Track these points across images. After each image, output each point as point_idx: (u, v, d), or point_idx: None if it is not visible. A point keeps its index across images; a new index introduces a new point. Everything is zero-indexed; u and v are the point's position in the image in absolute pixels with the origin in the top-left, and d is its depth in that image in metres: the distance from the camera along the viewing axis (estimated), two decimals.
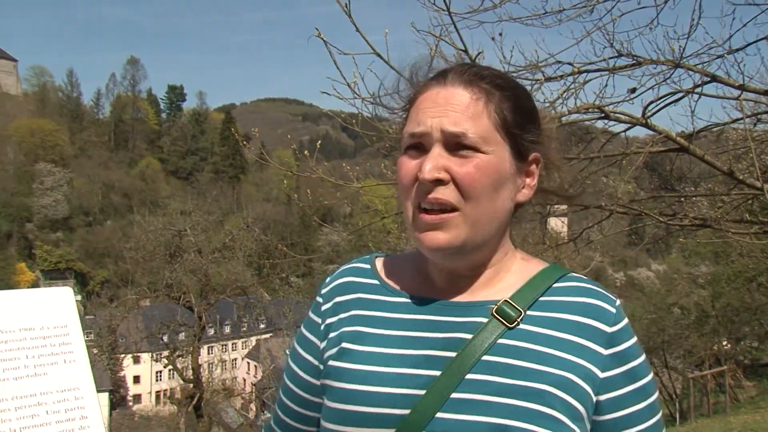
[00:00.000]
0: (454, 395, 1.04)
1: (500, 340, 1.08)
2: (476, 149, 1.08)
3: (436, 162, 1.08)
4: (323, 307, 1.26)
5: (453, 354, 1.08)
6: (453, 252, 1.11)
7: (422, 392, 1.05)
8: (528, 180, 1.17)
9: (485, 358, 1.06)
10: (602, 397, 1.08)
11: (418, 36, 4.36)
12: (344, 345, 1.17)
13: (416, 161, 1.11)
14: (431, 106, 1.11)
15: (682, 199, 5.99)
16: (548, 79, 4.63)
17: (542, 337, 1.08)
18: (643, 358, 1.13)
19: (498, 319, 1.10)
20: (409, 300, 1.19)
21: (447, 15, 4.04)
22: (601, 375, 1.07)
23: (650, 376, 1.12)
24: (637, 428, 1.10)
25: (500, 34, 4.48)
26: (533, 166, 1.16)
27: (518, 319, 1.09)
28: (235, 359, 44.55)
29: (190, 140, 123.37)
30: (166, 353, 22.24)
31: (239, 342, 51.99)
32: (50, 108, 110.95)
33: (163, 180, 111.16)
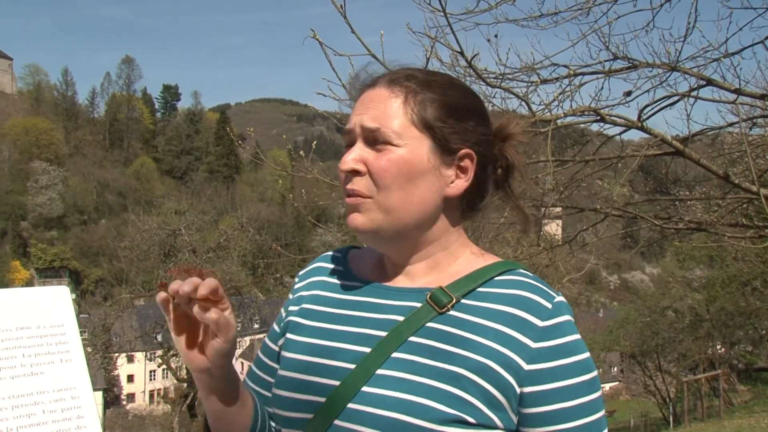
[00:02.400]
0: (379, 371, 1.12)
1: (429, 324, 1.14)
2: (390, 143, 1.15)
3: (353, 155, 1.17)
4: (296, 286, 1.40)
5: (384, 333, 1.15)
6: (372, 235, 1.19)
7: (352, 366, 1.14)
8: (461, 174, 1.19)
9: (412, 338, 1.13)
10: (526, 390, 1.08)
11: (413, 37, 4.37)
12: (295, 319, 1.31)
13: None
14: (358, 106, 1.22)
15: (677, 202, 6.00)
16: (544, 81, 4.64)
17: (470, 324, 1.12)
18: (579, 357, 1.10)
19: (431, 304, 1.15)
20: (360, 284, 1.29)
21: (443, 16, 4.03)
22: (526, 367, 1.07)
23: (586, 377, 1.10)
24: (562, 426, 1.08)
25: (496, 36, 4.49)
26: (466, 162, 1.19)
27: (449, 305, 1.14)
28: None
29: (185, 140, 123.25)
30: (160, 352, 22.25)
31: None
32: (45, 106, 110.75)
33: (157, 179, 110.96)
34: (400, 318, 1.17)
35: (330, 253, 1.44)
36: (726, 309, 24.28)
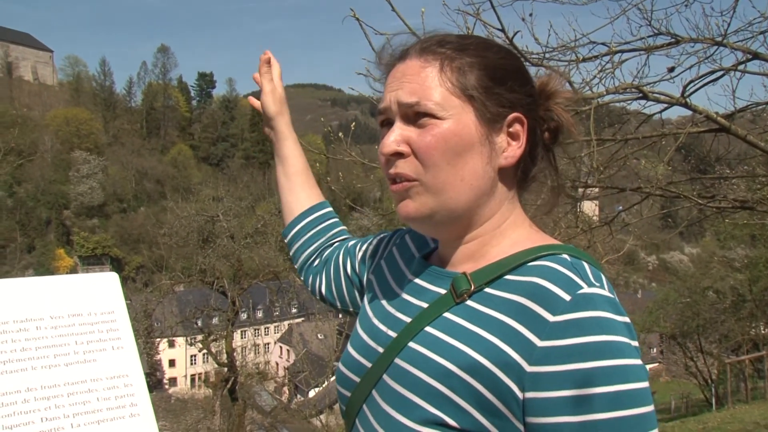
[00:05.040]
0: (396, 360, 1.07)
1: (445, 314, 1.06)
2: (433, 116, 1.05)
3: (393, 136, 1.08)
4: (382, 239, 1.45)
5: (409, 320, 1.11)
6: (424, 221, 1.10)
7: (381, 350, 1.13)
8: (512, 141, 1.09)
9: (427, 329, 1.06)
10: (528, 395, 0.92)
11: (449, 18, 4.31)
12: (371, 276, 1.37)
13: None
14: (390, 82, 1.12)
15: (720, 180, 5.86)
16: (583, 60, 4.55)
17: (481, 315, 1.00)
18: (604, 363, 0.89)
19: (451, 292, 1.07)
20: (415, 257, 1.27)
21: None
22: (528, 369, 0.91)
23: (611, 388, 0.88)
24: None
25: (531, 14, 4.41)
26: (516, 127, 1.09)
27: (465, 294, 1.04)
28: (268, 343, 45.06)
29: (221, 127, 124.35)
30: (200, 337, 22.52)
31: (272, 326, 52.56)
32: (84, 97, 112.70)
33: (194, 166, 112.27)
34: (424, 305, 1.11)
35: None
36: None
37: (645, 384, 0.91)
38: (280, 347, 48.90)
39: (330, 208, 1.64)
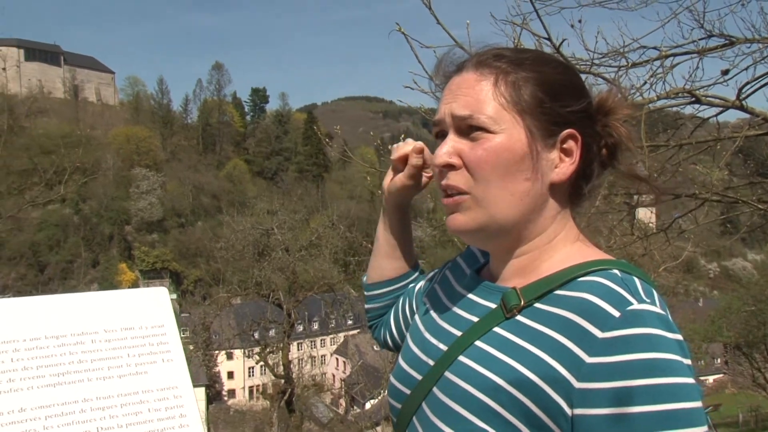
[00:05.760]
0: (446, 373, 1.08)
1: (495, 329, 1.06)
2: (486, 130, 1.06)
3: (446, 147, 1.09)
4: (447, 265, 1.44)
5: (459, 333, 1.12)
6: (473, 234, 1.12)
7: (432, 363, 1.14)
8: (565, 158, 1.08)
9: (477, 343, 1.06)
10: (577, 412, 0.91)
11: (496, 27, 4.32)
12: (424, 299, 1.36)
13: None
14: (446, 95, 1.13)
15: None
16: (633, 65, 4.49)
17: (530, 331, 1.00)
18: (651, 382, 0.87)
19: (502, 307, 1.07)
20: (468, 273, 1.28)
21: (527, 2, 3.98)
22: (577, 385, 0.91)
23: (656, 408, 0.86)
24: None
25: (579, 21, 4.38)
26: (569, 143, 1.08)
27: (515, 310, 1.04)
28: (324, 355, 45.25)
29: (274, 141, 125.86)
30: (257, 349, 22.79)
31: (327, 338, 52.80)
32: (143, 115, 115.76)
33: (249, 181, 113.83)
34: (475, 319, 1.12)
35: None
36: None
37: (696, 404, 0.88)
38: (336, 359, 49.11)
39: (417, 273, 1.56)
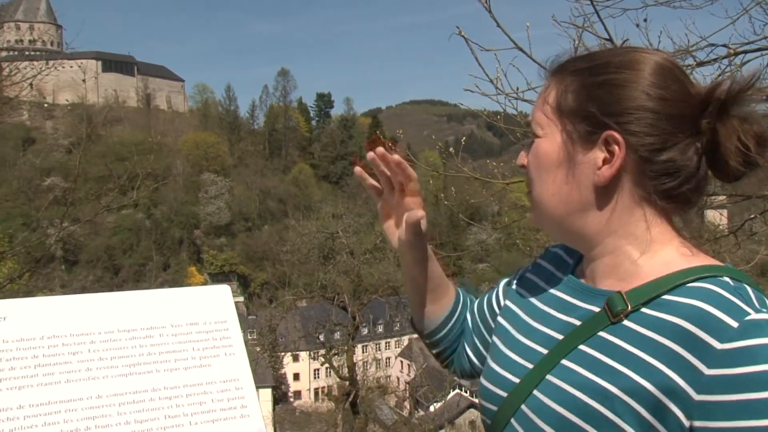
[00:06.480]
0: (548, 377, 1.08)
1: (601, 333, 1.04)
2: (535, 134, 1.15)
3: (525, 150, 1.20)
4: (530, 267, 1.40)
5: (561, 337, 1.11)
6: (544, 229, 1.22)
7: (531, 366, 1.13)
8: (610, 160, 1.06)
9: (581, 347, 1.05)
10: (697, 424, 0.89)
11: (560, 29, 4.28)
12: (509, 302, 1.34)
13: None
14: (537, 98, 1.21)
15: None
16: (700, 64, 4.38)
17: (639, 337, 0.98)
18: None
19: (606, 311, 1.05)
20: (562, 276, 1.26)
21: (589, 4, 3.94)
22: (696, 397, 0.90)
23: None
24: None
25: (645, 21, 4.31)
26: (614, 147, 1.05)
27: (623, 315, 1.02)
28: (389, 358, 45.40)
29: (339, 145, 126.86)
30: (322, 352, 23.01)
31: (392, 341, 52.93)
32: (212, 122, 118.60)
33: (315, 185, 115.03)
34: (577, 322, 1.11)
35: None
36: None
37: None
38: (401, 362, 49.13)
39: (461, 293, 1.53)
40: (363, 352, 34.57)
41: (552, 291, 1.24)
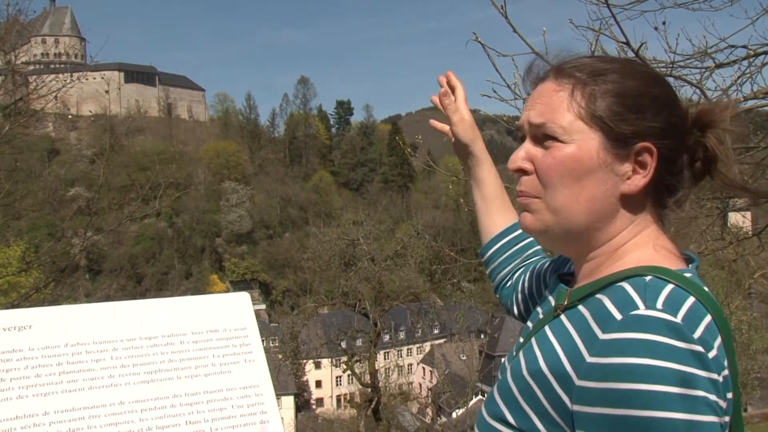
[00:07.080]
0: (505, 364, 1.20)
1: (546, 326, 1.12)
2: (557, 139, 1.09)
3: (520, 153, 1.16)
4: None
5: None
6: (540, 235, 1.17)
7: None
8: (639, 170, 1.08)
9: (533, 340, 1.13)
10: (575, 408, 0.94)
11: (577, 33, 4.27)
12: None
13: None
14: (529, 101, 1.18)
15: None
16: (719, 66, 4.35)
17: (563, 329, 1.05)
18: (630, 386, 0.87)
19: (554, 306, 1.14)
20: (555, 278, 1.33)
21: (606, 7, 3.92)
22: (577, 382, 0.94)
23: (642, 413, 0.86)
24: None
25: (663, 23, 4.28)
26: (644, 156, 1.07)
27: (559, 310, 1.10)
28: (411, 364, 45.25)
29: (359, 152, 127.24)
30: (344, 359, 23.00)
31: (414, 347, 52.76)
32: (232, 130, 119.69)
33: (335, 192, 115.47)
34: (542, 316, 1.21)
35: None
36: None
37: (698, 417, 0.87)
38: (423, 368, 48.93)
39: (520, 230, 1.62)
40: (385, 359, 34.59)
41: (544, 291, 1.38)
